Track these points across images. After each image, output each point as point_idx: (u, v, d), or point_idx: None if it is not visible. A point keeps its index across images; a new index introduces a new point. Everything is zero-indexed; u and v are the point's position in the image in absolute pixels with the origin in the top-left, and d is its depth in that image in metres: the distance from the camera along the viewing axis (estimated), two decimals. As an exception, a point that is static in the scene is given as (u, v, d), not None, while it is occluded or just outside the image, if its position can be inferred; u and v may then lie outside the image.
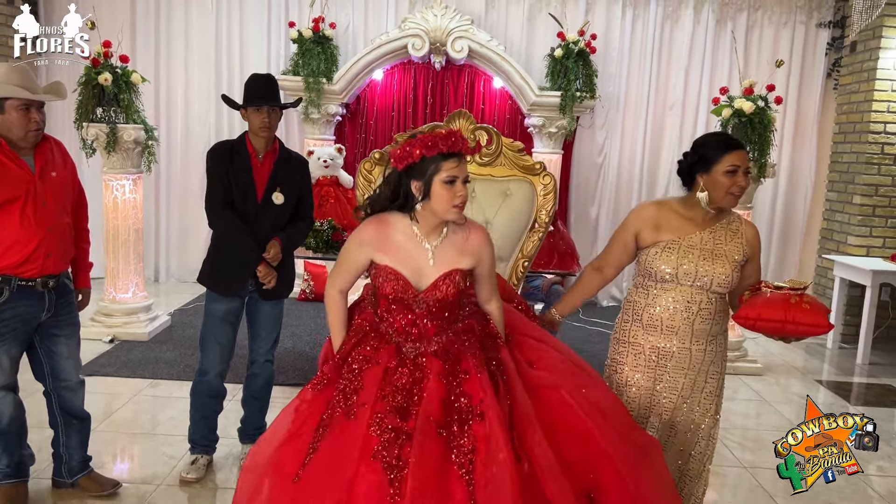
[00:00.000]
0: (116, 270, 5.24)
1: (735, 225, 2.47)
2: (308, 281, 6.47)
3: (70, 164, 2.94)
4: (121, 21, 6.35)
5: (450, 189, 1.97)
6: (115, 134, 4.96)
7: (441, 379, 1.92)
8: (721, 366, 2.51)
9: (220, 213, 3.09)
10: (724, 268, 2.38)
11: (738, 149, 2.39)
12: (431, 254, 2.05)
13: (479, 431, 1.83)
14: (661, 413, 2.50)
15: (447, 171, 1.97)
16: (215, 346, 3.20)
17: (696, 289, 2.40)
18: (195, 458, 3.30)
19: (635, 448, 2.03)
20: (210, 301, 3.22)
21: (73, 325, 2.96)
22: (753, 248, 2.46)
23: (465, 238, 2.10)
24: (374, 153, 2.94)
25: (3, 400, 2.83)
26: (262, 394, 3.41)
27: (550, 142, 6.48)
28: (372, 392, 1.87)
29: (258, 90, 3.09)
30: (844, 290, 6.02)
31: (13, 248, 2.69)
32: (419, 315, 2.05)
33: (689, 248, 2.41)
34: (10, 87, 2.65)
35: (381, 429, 1.79)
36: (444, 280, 2.05)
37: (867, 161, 6.06)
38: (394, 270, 2.03)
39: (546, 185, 2.91)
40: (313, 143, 6.39)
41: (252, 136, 3.13)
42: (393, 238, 2.06)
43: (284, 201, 3.15)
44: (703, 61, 6.80)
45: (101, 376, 4.42)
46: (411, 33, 6.32)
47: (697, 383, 2.47)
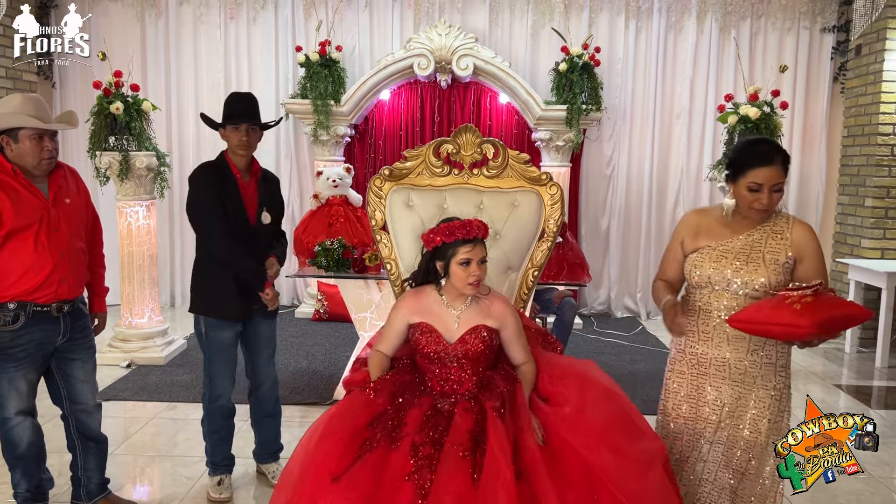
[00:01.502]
0: (132, 296, 5.29)
1: (780, 226, 2.37)
2: (322, 301, 6.49)
3: (83, 190, 2.99)
4: (131, 50, 6.48)
5: (465, 269, 2.33)
6: (128, 161, 5.04)
7: (468, 413, 2.18)
8: (776, 379, 2.41)
9: (228, 242, 3.03)
10: (760, 271, 2.31)
11: (767, 164, 2.29)
12: (457, 317, 2.40)
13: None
14: (705, 427, 2.45)
15: (463, 254, 2.33)
16: (225, 372, 3.19)
17: (731, 294, 2.35)
18: (220, 479, 3.29)
19: (636, 464, 2.06)
20: (212, 329, 3.13)
21: (88, 349, 2.99)
22: (801, 249, 2.33)
23: (489, 306, 2.42)
24: (383, 169, 2.96)
25: (21, 425, 2.86)
26: (274, 410, 3.42)
27: (558, 155, 6.50)
28: (413, 427, 2.12)
29: (236, 108, 3.07)
30: (860, 293, 5.97)
31: (28, 275, 2.73)
32: (452, 369, 2.35)
33: (724, 253, 2.37)
34: (24, 118, 2.70)
35: (417, 456, 2.01)
36: (471, 334, 2.36)
37: (877, 163, 6.03)
38: (428, 325, 2.39)
39: (553, 194, 2.92)
40: (323, 164, 6.45)
41: (232, 156, 3.12)
42: (426, 303, 2.44)
43: (272, 220, 3.17)
44: (707, 70, 6.82)
45: (119, 401, 4.45)
46: (416, 53, 6.39)
47: (744, 396, 2.39)
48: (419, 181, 2.95)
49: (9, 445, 2.88)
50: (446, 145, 2.94)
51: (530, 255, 2.94)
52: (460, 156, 2.94)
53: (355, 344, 4.81)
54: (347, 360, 4.95)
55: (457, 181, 2.95)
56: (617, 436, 2.09)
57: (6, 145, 2.73)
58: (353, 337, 5.19)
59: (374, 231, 2.99)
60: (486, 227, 2.40)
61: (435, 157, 2.94)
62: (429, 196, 2.93)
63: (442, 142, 2.95)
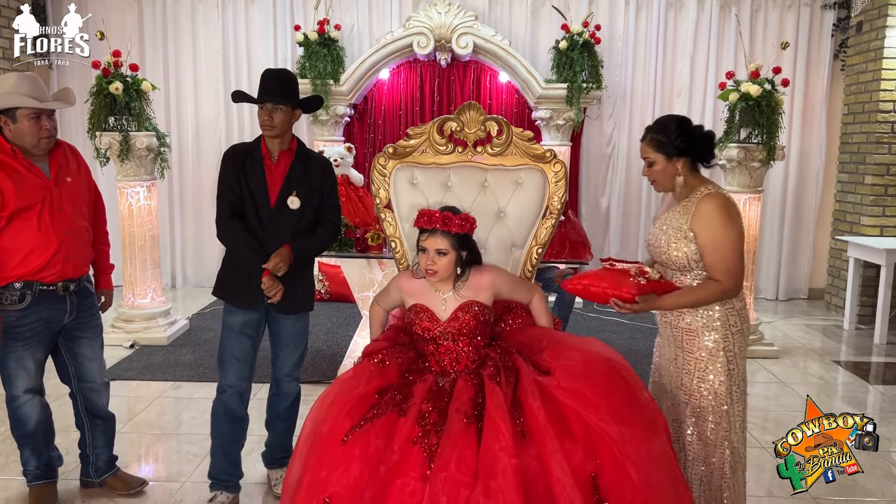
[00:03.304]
0: (134, 277, 5.30)
1: (694, 199, 2.43)
2: (323, 281, 6.51)
3: (84, 168, 2.99)
4: (129, 31, 6.44)
5: (423, 255, 2.43)
6: (128, 142, 5.03)
7: (468, 383, 2.25)
8: (701, 347, 2.44)
9: (227, 223, 2.87)
10: (673, 244, 2.42)
11: (642, 140, 2.52)
12: (444, 299, 2.48)
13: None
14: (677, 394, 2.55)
15: (421, 241, 2.44)
16: (233, 361, 2.94)
17: (663, 267, 2.52)
18: (213, 496, 2.98)
19: (641, 431, 2.09)
20: (226, 314, 2.98)
21: (95, 328, 3.01)
22: (698, 222, 2.38)
23: (478, 282, 2.49)
24: (387, 147, 2.96)
25: (29, 403, 2.89)
26: (287, 414, 3.16)
27: (558, 134, 6.49)
28: (420, 398, 2.19)
29: (263, 85, 2.87)
30: (859, 270, 6.01)
31: (33, 254, 2.74)
32: (447, 347, 2.43)
33: (658, 226, 2.53)
34: (20, 97, 2.70)
35: (424, 423, 2.08)
36: (462, 311, 2.45)
37: (877, 140, 6.03)
38: (422, 305, 2.48)
39: (557, 172, 2.92)
40: (323, 144, 6.43)
41: (264, 136, 2.93)
42: (417, 284, 2.53)
43: (302, 206, 2.89)
44: (708, 47, 6.79)
45: (123, 380, 4.48)
46: (416, 31, 6.35)
47: (679, 358, 2.51)
48: (423, 159, 2.96)
49: (18, 423, 2.91)
50: (450, 123, 2.94)
51: (534, 233, 2.95)
52: (464, 133, 2.94)
53: (357, 323, 4.84)
54: (349, 339, 4.98)
55: (461, 159, 2.95)
56: (622, 406, 2.11)
57: (4, 125, 2.73)
58: (355, 317, 5.22)
59: (378, 209, 2.99)
60: (455, 220, 2.41)
61: (439, 134, 2.94)
62: (433, 174, 2.93)
63: (446, 119, 2.95)
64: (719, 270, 2.37)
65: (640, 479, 1.98)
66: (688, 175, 2.48)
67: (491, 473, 1.92)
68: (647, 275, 2.41)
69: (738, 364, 2.48)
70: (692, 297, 2.41)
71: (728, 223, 2.37)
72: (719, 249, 2.36)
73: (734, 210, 2.42)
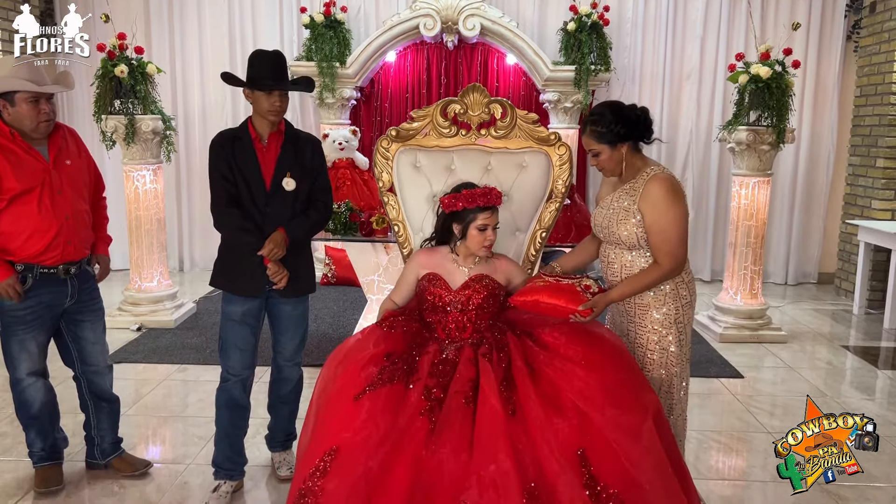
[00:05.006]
0: (141, 260, 5.31)
1: (641, 179, 2.49)
2: (329, 265, 6.51)
3: (84, 151, 2.98)
4: (134, 13, 6.42)
5: (482, 234, 2.52)
6: (134, 125, 5.02)
7: (470, 364, 2.33)
8: (654, 321, 2.52)
9: (224, 212, 2.81)
10: (623, 224, 2.48)
11: (584, 133, 2.57)
12: (466, 274, 2.58)
13: None
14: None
15: (482, 220, 2.51)
16: (235, 350, 2.91)
17: (611, 246, 2.58)
18: (217, 485, 2.95)
19: (628, 411, 2.17)
20: (226, 303, 2.93)
21: (97, 311, 3.02)
22: (645, 202, 2.45)
23: (496, 265, 2.63)
24: (390, 130, 2.93)
25: (34, 385, 2.90)
26: (290, 398, 3.14)
27: (566, 117, 6.44)
28: (424, 372, 2.30)
29: (268, 70, 2.79)
30: (870, 254, 5.95)
31: (34, 238, 2.74)
32: (455, 315, 2.52)
33: (602, 207, 2.60)
34: (18, 81, 2.69)
35: (430, 397, 2.20)
36: (475, 282, 2.54)
37: (890, 123, 5.95)
38: (435, 274, 2.58)
39: (562, 155, 2.89)
40: (329, 127, 6.41)
41: (257, 119, 2.85)
42: (437, 259, 2.63)
43: (297, 186, 2.86)
44: (718, 29, 6.70)
45: (130, 363, 4.50)
46: (422, 13, 6.30)
47: (631, 333, 2.58)
48: (426, 142, 2.93)
49: (22, 406, 2.93)
50: (454, 105, 2.91)
51: (538, 217, 2.93)
52: (468, 116, 2.91)
53: (363, 307, 4.84)
54: (355, 323, 4.98)
55: (464, 142, 2.92)
56: (615, 387, 2.21)
57: (3, 109, 2.72)
58: (361, 300, 5.22)
59: (381, 193, 2.97)
60: (501, 195, 2.60)
61: (442, 117, 2.91)
62: (436, 157, 2.91)
63: (449, 101, 2.92)
64: (662, 252, 2.45)
65: (628, 461, 2.05)
66: (631, 157, 2.54)
67: (486, 449, 2.02)
68: (591, 289, 2.46)
69: (686, 333, 2.59)
70: (637, 285, 2.49)
71: (674, 204, 2.45)
72: (664, 231, 2.44)
73: (680, 191, 2.49)
